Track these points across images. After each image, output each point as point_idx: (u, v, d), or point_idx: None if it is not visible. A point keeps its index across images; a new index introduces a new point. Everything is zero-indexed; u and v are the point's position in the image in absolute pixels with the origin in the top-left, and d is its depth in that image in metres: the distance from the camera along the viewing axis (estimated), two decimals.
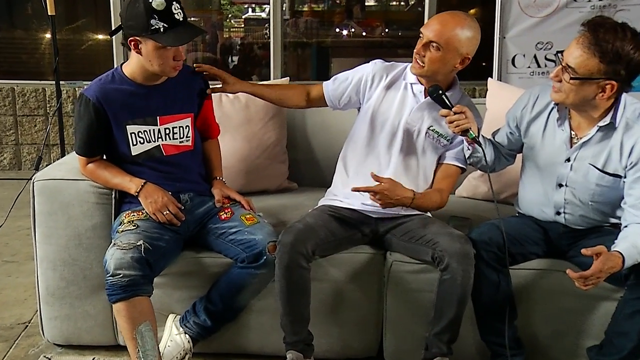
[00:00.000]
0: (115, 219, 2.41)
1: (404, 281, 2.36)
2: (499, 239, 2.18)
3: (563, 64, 2.07)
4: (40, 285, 2.54)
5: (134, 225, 2.25)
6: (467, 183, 2.92)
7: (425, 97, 2.37)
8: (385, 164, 2.40)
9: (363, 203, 2.40)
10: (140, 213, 2.32)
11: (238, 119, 2.78)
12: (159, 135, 2.37)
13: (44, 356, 2.57)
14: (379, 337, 2.47)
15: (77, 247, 2.47)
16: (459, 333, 2.25)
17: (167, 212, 2.28)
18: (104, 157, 2.43)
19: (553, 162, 2.22)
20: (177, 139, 2.39)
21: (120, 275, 2.09)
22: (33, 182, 2.44)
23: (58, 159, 3.09)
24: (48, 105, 5.53)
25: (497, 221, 2.25)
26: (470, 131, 2.18)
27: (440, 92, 2.24)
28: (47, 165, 2.94)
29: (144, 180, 2.34)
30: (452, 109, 2.20)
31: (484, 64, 4.56)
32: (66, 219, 2.44)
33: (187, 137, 2.42)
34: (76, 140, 2.39)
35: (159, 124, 2.35)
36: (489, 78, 3.04)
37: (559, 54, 2.09)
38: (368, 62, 2.48)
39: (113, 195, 2.43)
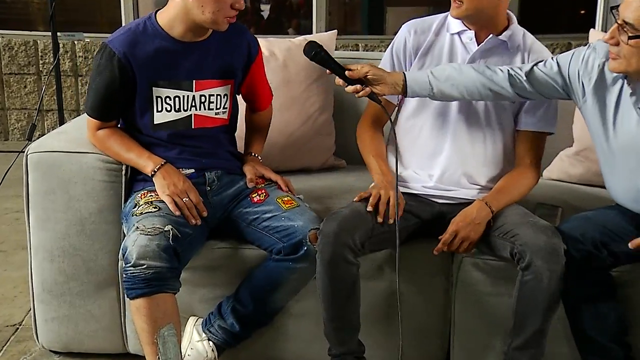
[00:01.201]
0: (125, 200, 2.47)
1: (476, 282, 2.37)
2: (595, 234, 2.19)
3: (619, 22, 2.03)
4: (34, 280, 2.58)
5: (154, 207, 2.28)
6: (558, 162, 2.91)
7: (477, 45, 2.40)
8: (441, 138, 2.45)
9: (424, 186, 2.44)
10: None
11: (274, 80, 2.79)
12: (193, 104, 2.40)
13: None
14: (444, 350, 2.49)
15: (79, 234, 2.50)
16: (545, 348, 2.24)
17: (187, 199, 2.31)
18: (118, 125, 2.50)
19: (634, 148, 2.18)
20: (212, 109, 2.43)
21: (144, 266, 2.12)
22: (26, 155, 2.47)
23: (54, 128, 3.14)
24: (41, 61, 5.60)
25: (591, 213, 2.24)
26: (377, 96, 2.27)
27: (319, 50, 2.29)
28: (40, 136, 3.00)
29: (163, 160, 2.38)
30: (348, 72, 2.27)
31: (582, 11, 4.46)
32: (66, 200, 2.48)
33: (224, 108, 2.46)
34: (90, 99, 2.41)
35: (194, 90, 2.39)
36: (591, 29, 3.02)
37: (614, 10, 2.02)
38: (432, 13, 2.50)
39: (123, 172, 2.46)
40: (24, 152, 2.53)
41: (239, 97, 2.60)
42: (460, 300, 2.41)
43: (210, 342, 2.42)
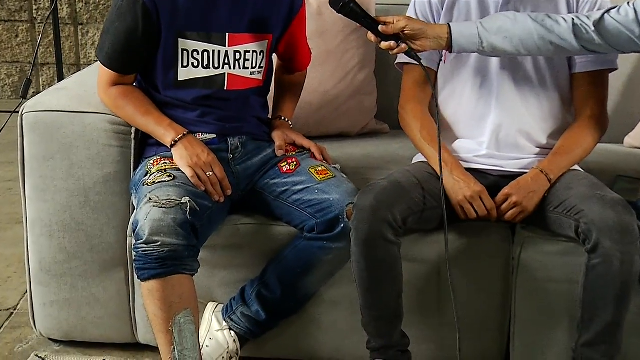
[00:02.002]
0: (134, 168, 2.47)
1: (541, 266, 2.36)
2: None
3: None
4: (31, 259, 2.60)
5: (169, 176, 2.29)
6: None
7: None
8: (485, 97, 2.44)
9: (476, 156, 2.44)
10: (174, 161, 2.37)
11: (307, 31, 2.74)
12: (226, 61, 2.41)
13: (36, 355, 2.64)
14: (503, 344, 2.49)
15: (82, 206, 2.51)
16: (621, 343, 2.22)
17: (211, 173, 2.32)
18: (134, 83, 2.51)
19: None
20: (247, 68, 2.44)
21: (158, 243, 2.12)
22: (21, 115, 2.48)
23: (50, 85, 3.14)
24: (35, 6, 5.60)
25: None
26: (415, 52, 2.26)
27: (347, 1, 2.26)
28: (35, 94, 3.03)
29: (186, 130, 2.39)
30: (381, 27, 2.24)
31: None
32: (67, 167, 2.49)
33: (259, 67, 2.47)
34: (106, 46, 2.40)
35: (227, 44, 2.40)
36: None
37: None
38: None
39: (133, 136, 2.47)
40: (17, 111, 2.53)
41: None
42: (522, 288, 2.40)
43: (232, 332, 2.44)
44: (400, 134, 2.73)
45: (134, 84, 2.47)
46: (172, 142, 2.35)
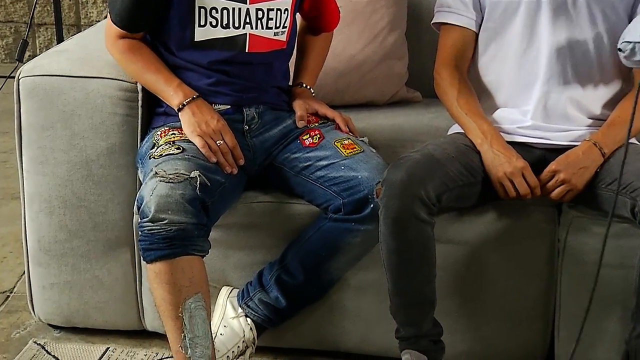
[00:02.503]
0: (141, 139, 2.48)
1: (590, 249, 2.32)
2: None
3: None
4: (29, 238, 2.61)
5: (177, 148, 2.29)
6: None
7: None
8: (532, 61, 2.41)
9: (520, 127, 2.42)
10: (183, 132, 2.36)
11: None
12: (247, 20, 2.39)
13: (35, 342, 2.65)
14: (547, 336, 2.48)
15: (84, 180, 2.52)
16: None
17: (222, 142, 2.31)
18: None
19: None
20: (271, 27, 2.43)
21: (165, 222, 2.12)
22: (18, 80, 2.48)
23: (48, 48, 3.14)
24: None
25: None
26: None
27: None
28: (32, 57, 3.02)
29: (196, 93, 2.37)
30: None
31: None
32: (69, 137, 2.49)
33: (283, 27, 2.46)
34: (117, 3, 2.39)
35: (248, 1, 2.38)
36: None
37: None
38: None
39: (140, 103, 2.47)
40: (13, 76, 2.53)
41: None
42: (568, 273, 2.38)
43: (249, 320, 2.44)
44: (434, 102, 2.73)
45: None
46: (180, 106, 2.34)
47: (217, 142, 2.30)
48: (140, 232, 2.17)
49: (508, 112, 2.45)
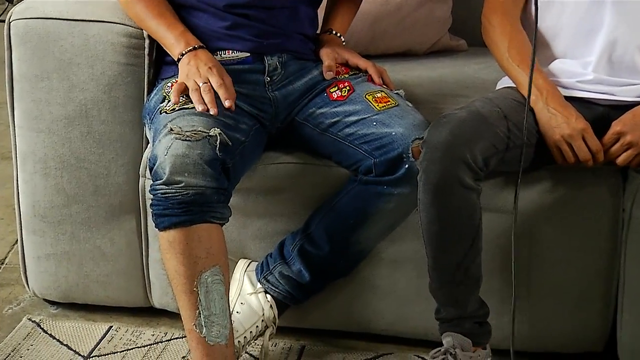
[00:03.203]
0: (148, 91, 2.47)
1: None
2: None
3: None
4: (22, 202, 2.61)
5: (192, 101, 2.27)
6: None
7: None
8: (597, 4, 2.37)
9: (579, 81, 2.38)
10: None
11: None
12: None
13: (29, 319, 2.65)
14: (608, 318, 2.45)
15: (84, 138, 2.51)
16: None
17: (207, 83, 2.27)
18: None
19: None
20: None
21: (182, 185, 2.11)
22: (8, 24, 2.47)
23: None
24: None
25: None
26: None
27: None
28: None
29: (199, 43, 2.36)
30: None
31: None
32: (67, 89, 2.48)
33: None
34: None
35: None
36: None
37: None
38: None
39: (146, 51, 2.46)
40: (3, 20, 2.51)
41: None
42: (634, 248, 2.34)
43: (268, 296, 2.44)
44: (481, 52, 2.71)
45: None
46: (179, 56, 2.34)
47: (200, 83, 2.27)
48: (152, 196, 2.16)
49: (567, 63, 2.41)
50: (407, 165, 2.27)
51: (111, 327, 2.61)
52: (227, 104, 2.27)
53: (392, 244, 2.43)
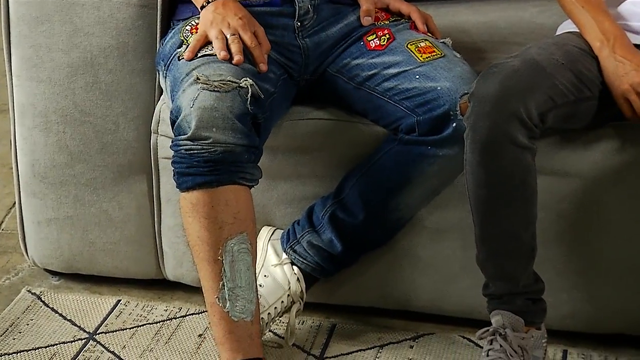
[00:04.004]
0: (161, 35, 2.46)
1: None
2: None
3: None
4: (20, 161, 2.63)
5: None
6: None
7: None
8: None
9: None
10: None
11: None
12: None
13: (28, 290, 2.66)
14: None
15: (89, 89, 2.52)
16: None
17: (235, 35, 2.27)
18: None
19: None
20: None
21: (209, 141, 2.11)
22: None
23: None
24: None
25: None
26: None
27: None
28: None
29: None
30: None
31: None
32: (69, 34, 2.48)
33: None
34: None
35: None
36: None
37: None
38: None
39: None
40: None
41: None
42: None
43: (295, 268, 2.45)
44: None
45: None
46: (204, 3, 2.33)
47: (229, 35, 2.26)
48: (174, 152, 2.17)
49: (638, 5, 2.38)
50: (454, 124, 2.26)
51: (119, 300, 2.62)
52: (262, 67, 2.29)
53: (435, 210, 2.43)
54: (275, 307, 2.40)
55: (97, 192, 2.59)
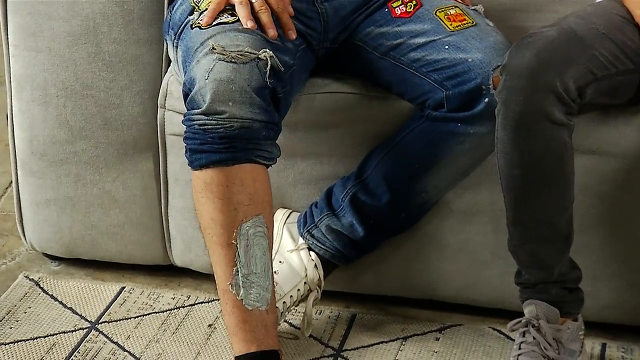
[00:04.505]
0: (170, 1, 2.46)
1: None
2: None
3: None
4: (18, 137, 2.64)
5: (232, 15, 2.25)
6: None
7: None
8: None
9: None
10: None
11: None
12: None
13: (26, 276, 2.66)
14: None
15: (92, 60, 2.52)
16: None
17: (263, 0, 2.27)
18: None
19: None
20: None
21: (225, 116, 2.10)
22: None
23: None
24: None
25: None
26: None
27: None
28: None
29: None
30: None
31: None
32: (70, 0, 2.49)
33: None
34: None
35: None
36: None
37: None
38: None
39: None
40: None
41: None
42: None
43: (312, 254, 2.45)
44: None
45: None
46: None
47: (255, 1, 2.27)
48: (187, 128, 2.15)
49: None
50: (486, 99, 2.26)
51: (123, 288, 2.63)
52: (291, 35, 2.30)
53: (464, 192, 2.43)
54: (291, 296, 2.40)
55: (99, 171, 2.59)
